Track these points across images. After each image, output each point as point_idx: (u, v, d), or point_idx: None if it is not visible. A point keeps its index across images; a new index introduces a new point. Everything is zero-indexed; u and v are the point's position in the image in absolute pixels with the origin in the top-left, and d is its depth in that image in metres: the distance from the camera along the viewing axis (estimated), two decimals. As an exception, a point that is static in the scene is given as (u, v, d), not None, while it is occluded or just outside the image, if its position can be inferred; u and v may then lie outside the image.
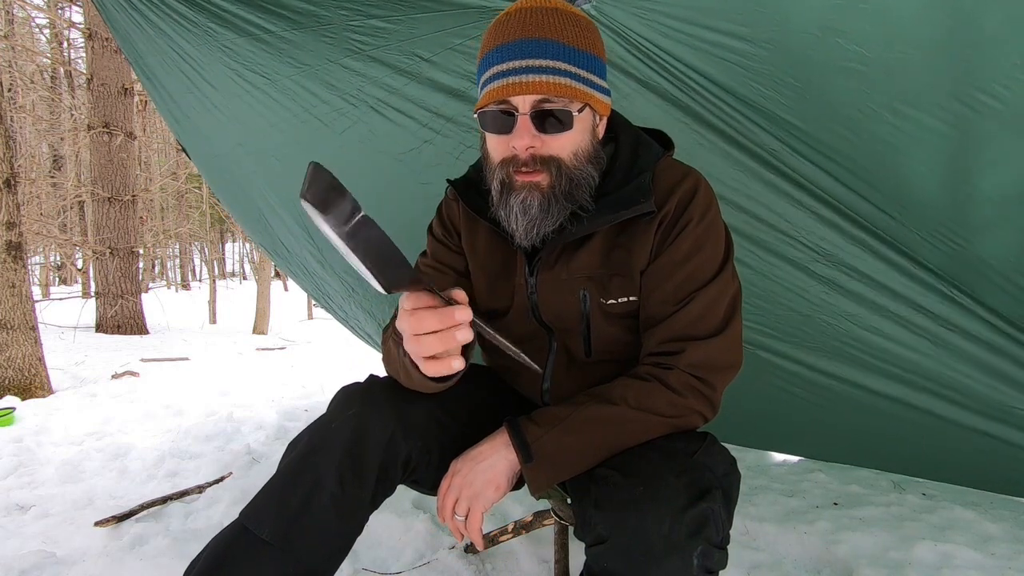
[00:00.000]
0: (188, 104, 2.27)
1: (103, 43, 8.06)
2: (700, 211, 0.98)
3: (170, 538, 1.67)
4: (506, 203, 0.98)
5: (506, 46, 0.92)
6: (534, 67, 0.90)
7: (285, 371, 5.31)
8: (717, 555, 0.80)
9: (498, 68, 0.92)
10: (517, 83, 0.90)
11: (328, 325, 11.33)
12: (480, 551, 1.58)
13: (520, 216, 0.96)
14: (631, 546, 0.78)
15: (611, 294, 1.02)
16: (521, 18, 0.92)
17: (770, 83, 1.27)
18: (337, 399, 1.02)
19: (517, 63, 0.90)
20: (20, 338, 4.27)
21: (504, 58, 0.91)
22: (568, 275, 1.03)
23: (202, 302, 14.83)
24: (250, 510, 0.94)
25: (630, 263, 1.00)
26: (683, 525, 0.77)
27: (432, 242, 1.20)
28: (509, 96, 0.91)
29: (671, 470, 0.83)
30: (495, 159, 0.98)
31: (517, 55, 0.90)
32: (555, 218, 0.97)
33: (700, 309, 0.96)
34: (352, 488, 0.93)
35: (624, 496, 0.81)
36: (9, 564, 1.52)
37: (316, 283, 3.01)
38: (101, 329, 8.24)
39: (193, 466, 2.39)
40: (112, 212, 8.29)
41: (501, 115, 0.93)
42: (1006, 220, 1.22)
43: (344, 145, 2.04)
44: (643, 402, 0.93)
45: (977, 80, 1.06)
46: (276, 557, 0.90)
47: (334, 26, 1.69)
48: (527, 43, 0.90)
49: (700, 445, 0.92)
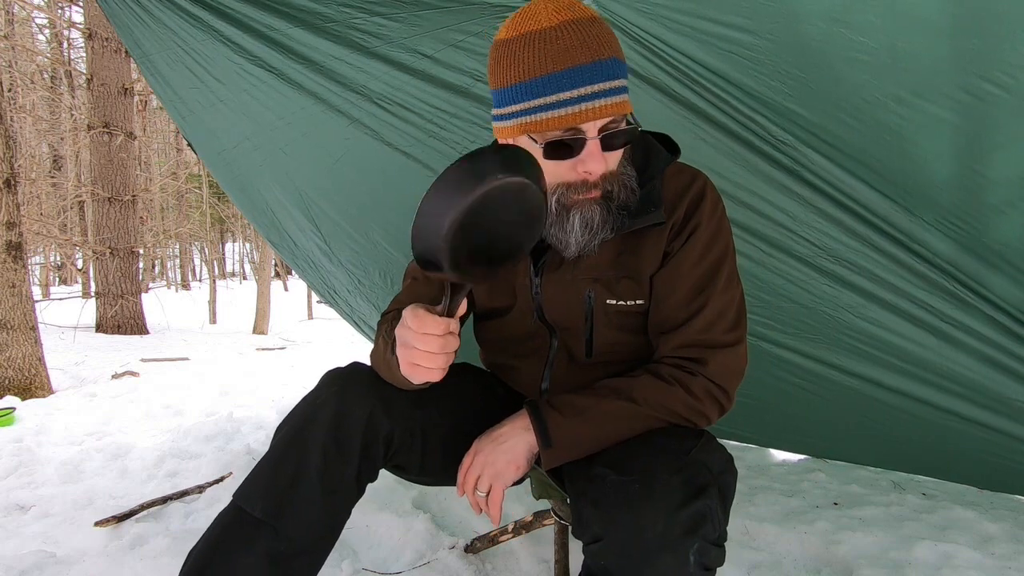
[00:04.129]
0: (194, 100, 2.27)
1: (103, 43, 8.06)
2: (708, 214, 1.00)
3: (170, 538, 1.66)
4: (563, 222, 0.96)
5: (573, 70, 0.87)
6: (604, 91, 0.88)
7: (285, 371, 5.31)
8: (714, 552, 0.80)
9: (567, 95, 0.88)
10: (591, 109, 0.88)
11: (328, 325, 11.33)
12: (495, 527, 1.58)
13: (582, 232, 0.96)
14: (627, 544, 0.79)
15: (619, 296, 1.03)
16: (570, 36, 0.88)
17: (775, 74, 1.27)
18: (321, 381, 1.05)
19: (587, 89, 0.87)
20: (20, 338, 4.27)
21: (573, 84, 0.88)
22: (574, 276, 1.04)
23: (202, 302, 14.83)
24: (242, 490, 0.98)
25: (639, 267, 1.02)
26: (679, 522, 0.78)
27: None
28: (583, 123, 0.89)
29: (667, 467, 0.83)
30: (550, 183, 0.94)
31: (586, 80, 0.87)
32: (611, 225, 0.97)
33: (713, 315, 0.99)
34: (336, 464, 0.95)
35: (620, 494, 0.82)
36: (9, 564, 1.52)
37: (322, 276, 3.01)
38: (101, 329, 8.24)
39: (193, 466, 2.39)
40: (112, 212, 8.29)
41: (569, 141, 0.91)
42: (1012, 206, 1.23)
43: (351, 138, 2.05)
44: (663, 404, 0.96)
45: (983, 69, 1.06)
46: (269, 536, 0.93)
47: (338, 23, 1.69)
48: (595, 66, 0.88)
49: (697, 442, 0.93)
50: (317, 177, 2.37)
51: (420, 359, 0.87)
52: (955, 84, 1.10)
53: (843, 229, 1.45)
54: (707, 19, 1.26)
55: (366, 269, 2.65)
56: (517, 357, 1.17)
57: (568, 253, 0.99)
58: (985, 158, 1.19)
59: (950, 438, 1.77)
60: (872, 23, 1.10)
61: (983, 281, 1.39)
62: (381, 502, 1.81)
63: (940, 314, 1.48)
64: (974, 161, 1.20)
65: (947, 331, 1.51)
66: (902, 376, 1.69)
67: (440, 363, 0.88)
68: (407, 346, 0.88)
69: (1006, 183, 1.21)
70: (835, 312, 1.64)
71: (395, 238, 2.39)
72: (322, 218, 2.52)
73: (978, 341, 1.48)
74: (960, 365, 1.56)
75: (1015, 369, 1.50)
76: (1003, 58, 1.04)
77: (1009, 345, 1.45)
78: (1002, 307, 1.41)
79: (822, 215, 1.46)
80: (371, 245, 2.49)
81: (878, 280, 1.51)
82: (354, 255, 2.61)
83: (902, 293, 1.50)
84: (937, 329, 1.52)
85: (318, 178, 2.37)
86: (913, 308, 1.51)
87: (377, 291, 2.75)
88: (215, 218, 19.94)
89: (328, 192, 2.41)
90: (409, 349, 0.88)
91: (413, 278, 1.20)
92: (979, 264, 1.36)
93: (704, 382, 0.97)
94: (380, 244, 2.45)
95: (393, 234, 2.39)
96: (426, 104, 1.84)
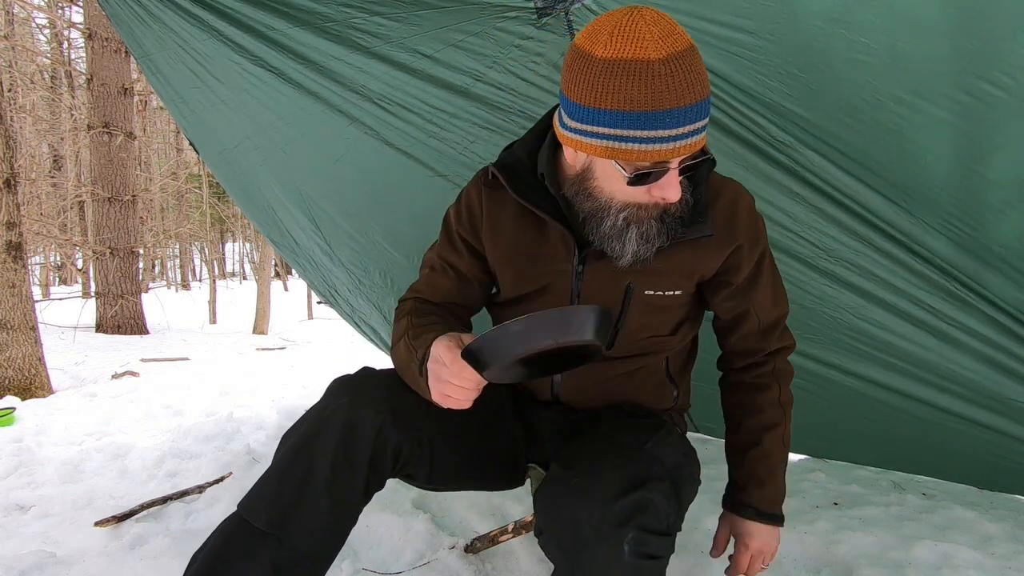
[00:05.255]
0: (195, 99, 2.27)
1: (103, 43, 8.06)
2: (765, 237, 1.11)
3: (170, 538, 1.66)
4: (624, 234, 0.98)
5: (679, 111, 0.85)
6: (697, 129, 0.88)
7: (285, 371, 5.31)
8: (655, 540, 0.83)
9: (667, 132, 0.87)
10: (685, 146, 0.88)
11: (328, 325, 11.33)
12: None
13: (640, 243, 0.98)
14: (564, 535, 0.86)
15: (658, 287, 1.07)
16: (677, 74, 0.85)
17: (775, 75, 1.27)
18: (331, 389, 1.04)
19: (687, 128, 0.87)
20: (20, 338, 4.27)
21: (676, 123, 0.86)
22: (618, 268, 1.04)
23: (202, 302, 14.83)
24: (247, 501, 0.98)
25: (686, 267, 1.06)
26: (612, 514, 0.82)
27: (443, 235, 1.20)
28: (674, 158, 0.89)
29: (610, 463, 0.90)
30: (619, 200, 0.96)
31: (688, 120, 0.86)
32: (667, 236, 0.99)
33: (782, 325, 1.17)
34: (344, 476, 0.96)
35: (558, 488, 0.89)
36: (9, 564, 1.52)
37: (323, 276, 3.02)
38: (101, 329, 8.24)
39: (193, 466, 2.39)
40: (112, 212, 8.29)
41: (654, 171, 0.92)
42: (1011, 207, 1.23)
43: (352, 138, 2.05)
44: (787, 408, 1.17)
45: (983, 70, 1.06)
46: (273, 546, 0.93)
47: (337, 23, 1.69)
48: (698, 107, 0.87)
49: (652, 436, 1.00)
50: (317, 177, 2.37)
51: (454, 393, 0.91)
52: (955, 85, 1.10)
53: (843, 229, 1.45)
54: (707, 19, 1.25)
55: (366, 269, 2.65)
56: None
57: (622, 262, 1.00)
58: (985, 159, 1.19)
59: (950, 438, 1.77)
60: (872, 23, 1.10)
61: (983, 282, 1.39)
62: (381, 502, 1.80)
63: (940, 314, 1.49)
64: (974, 162, 1.21)
65: (947, 331, 1.51)
66: (902, 376, 1.69)
67: (472, 397, 0.92)
68: (441, 380, 0.92)
69: (1006, 184, 1.21)
70: (835, 312, 1.64)
71: (395, 238, 2.39)
72: (323, 218, 2.52)
73: (978, 341, 1.49)
74: (960, 365, 1.56)
75: (1015, 369, 1.50)
76: (1003, 59, 1.04)
77: (1009, 345, 1.46)
78: (1002, 307, 1.41)
79: (822, 215, 1.46)
80: (371, 245, 2.49)
81: (878, 280, 1.51)
82: (354, 255, 2.61)
83: (902, 293, 1.50)
84: (937, 329, 1.52)
85: (318, 178, 2.37)
86: (913, 308, 1.51)
87: (377, 291, 2.75)
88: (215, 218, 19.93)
89: (328, 192, 2.41)
90: (443, 383, 0.92)
91: (431, 268, 1.20)
92: (979, 265, 1.36)
93: (786, 377, 1.17)
94: (380, 244, 2.45)
95: (393, 234, 2.39)
96: (426, 104, 1.84)
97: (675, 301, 1.10)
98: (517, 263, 1.12)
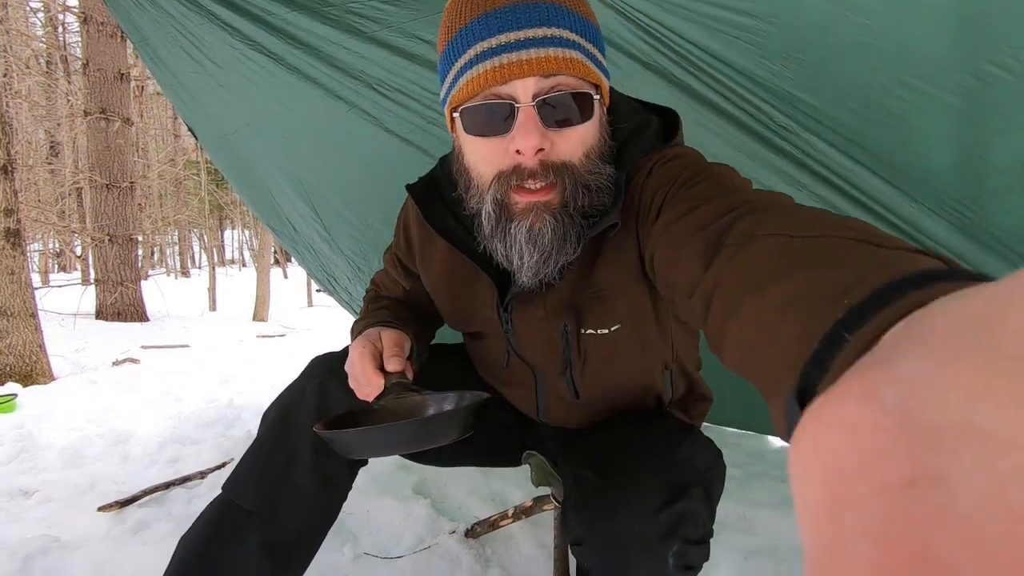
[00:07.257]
0: (194, 84, 2.25)
1: (99, 27, 7.98)
2: (692, 168, 0.76)
3: (173, 523, 1.68)
4: (505, 233, 0.77)
5: (493, 13, 0.68)
6: (537, 38, 0.68)
7: (285, 358, 5.31)
8: (694, 551, 0.79)
9: (485, 45, 0.68)
10: (516, 62, 0.67)
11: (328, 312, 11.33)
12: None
13: (528, 250, 0.76)
14: (606, 547, 0.78)
15: (592, 324, 0.86)
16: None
17: (779, 59, 1.25)
18: (307, 369, 1.03)
19: (512, 35, 0.67)
20: (20, 325, 4.27)
21: (492, 31, 0.68)
22: (546, 310, 0.86)
23: (202, 289, 14.81)
24: (232, 482, 0.97)
25: (605, 281, 0.83)
26: (657, 526, 0.75)
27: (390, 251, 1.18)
28: (506, 81, 0.68)
29: (648, 469, 0.80)
30: (486, 173, 0.76)
31: (511, 25, 0.68)
32: (573, 244, 0.76)
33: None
34: (326, 454, 0.94)
35: (599, 498, 0.79)
36: (14, 549, 1.53)
37: (322, 263, 3.01)
38: (101, 316, 8.23)
39: (194, 452, 2.40)
40: (110, 199, 8.25)
41: (493, 109, 0.71)
42: (1012, 192, 1.23)
43: (351, 122, 2.03)
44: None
45: (989, 52, 1.05)
46: (261, 525, 0.93)
47: (335, 7, 1.67)
48: (523, 8, 0.68)
49: (683, 439, 0.90)
50: (317, 163, 2.36)
51: (358, 388, 0.89)
52: (961, 68, 1.09)
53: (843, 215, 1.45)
54: (708, 2, 1.24)
55: (366, 256, 2.65)
56: (505, 385, 1.09)
57: (523, 279, 0.80)
58: (987, 143, 1.18)
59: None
60: (877, 5, 1.09)
61: (983, 266, 1.39)
62: (381, 487, 1.82)
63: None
64: (976, 146, 1.20)
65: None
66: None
67: (372, 396, 0.87)
68: (352, 377, 0.90)
69: (1007, 169, 1.20)
70: (835, 299, 1.64)
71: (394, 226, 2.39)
72: (322, 205, 2.51)
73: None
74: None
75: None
76: (1009, 40, 1.03)
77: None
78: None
79: (824, 202, 1.45)
80: (371, 232, 2.48)
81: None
82: (354, 242, 2.61)
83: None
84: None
85: (318, 164, 2.36)
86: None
87: (376, 280, 2.75)
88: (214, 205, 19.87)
89: (328, 178, 2.40)
90: (353, 379, 0.90)
91: (385, 272, 1.20)
92: (979, 249, 1.36)
93: None
94: (380, 231, 2.45)
95: (392, 221, 2.38)
96: (425, 90, 1.82)
97: (619, 336, 0.86)
98: (451, 302, 1.01)
